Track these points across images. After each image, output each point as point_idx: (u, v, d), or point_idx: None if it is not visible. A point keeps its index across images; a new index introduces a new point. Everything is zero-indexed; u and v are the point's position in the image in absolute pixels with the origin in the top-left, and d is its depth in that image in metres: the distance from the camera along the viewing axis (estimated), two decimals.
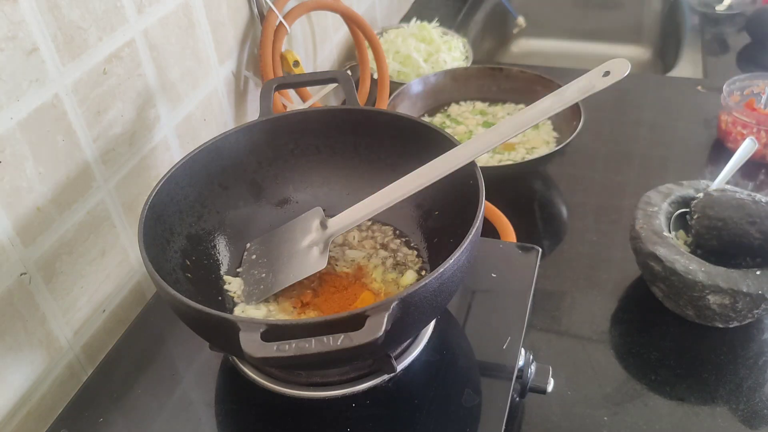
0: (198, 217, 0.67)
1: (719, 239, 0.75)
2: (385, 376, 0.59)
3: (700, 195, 0.79)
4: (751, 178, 0.98)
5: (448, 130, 0.94)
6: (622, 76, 0.54)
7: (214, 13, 0.82)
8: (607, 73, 0.55)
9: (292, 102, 1.01)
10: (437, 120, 1.10)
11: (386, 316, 0.44)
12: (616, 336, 0.77)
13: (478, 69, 1.14)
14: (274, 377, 0.59)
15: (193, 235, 0.66)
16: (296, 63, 0.97)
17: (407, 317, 0.48)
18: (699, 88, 1.20)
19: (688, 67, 1.31)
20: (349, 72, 0.76)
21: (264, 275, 0.65)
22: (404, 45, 1.23)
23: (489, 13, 1.62)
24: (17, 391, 0.61)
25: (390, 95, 1.08)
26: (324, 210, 0.68)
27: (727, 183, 0.83)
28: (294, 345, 0.43)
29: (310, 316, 0.61)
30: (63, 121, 0.62)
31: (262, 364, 0.58)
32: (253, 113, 0.96)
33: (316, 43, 1.14)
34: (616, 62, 0.55)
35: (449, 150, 0.61)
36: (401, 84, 1.11)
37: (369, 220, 0.69)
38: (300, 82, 0.80)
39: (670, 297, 0.75)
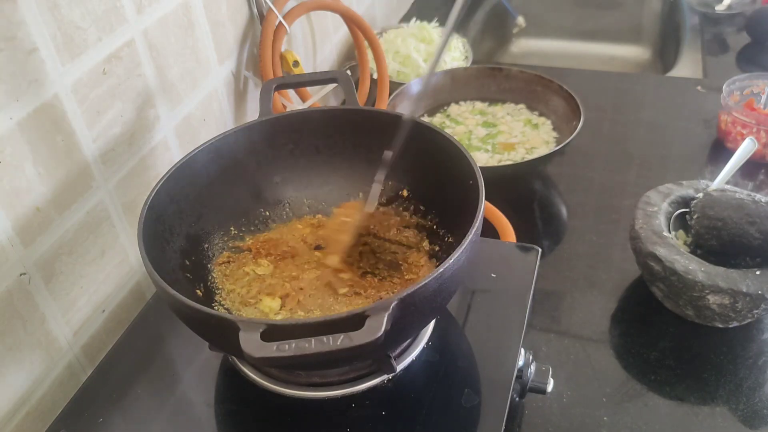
0: (198, 217, 0.67)
1: (719, 239, 0.75)
2: (385, 376, 0.59)
3: (700, 195, 0.79)
4: (751, 178, 0.98)
5: (447, 130, 0.94)
6: None
7: (214, 13, 0.82)
8: None
9: (292, 102, 1.01)
10: (437, 120, 1.10)
11: (386, 316, 0.44)
12: (615, 336, 0.76)
13: (477, 69, 1.14)
14: (273, 377, 0.59)
15: (193, 235, 0.66)
16: (296, 63, 0.97)
17: (407, 317, 0.48)
18: (699, 88, 1.20)
19: (687, 67, 1.31)
20: (348, 72, 0.76)
21: None
22: (404, 45, 1.23)
23: (489, 13, 1.62)
24: (17, 391, 0.61)
25: (390, 95, 1.08)
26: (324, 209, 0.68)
27: (727, 183, 0.83)
28: (294, 345, 0.43)
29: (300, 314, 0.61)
30: (62, 122, 0.62)
31: (262, 364, 0.58)
32: (252, 113, 0.96)
33: (315, 43, 1.14)
34: None
35: (449, 149, 0.61)
36: (401, 84, 1.11)
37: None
38: (300, 82, 0.80)
39: (669, 297, 0.75)
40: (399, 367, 0.59)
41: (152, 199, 0.59)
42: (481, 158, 1.00)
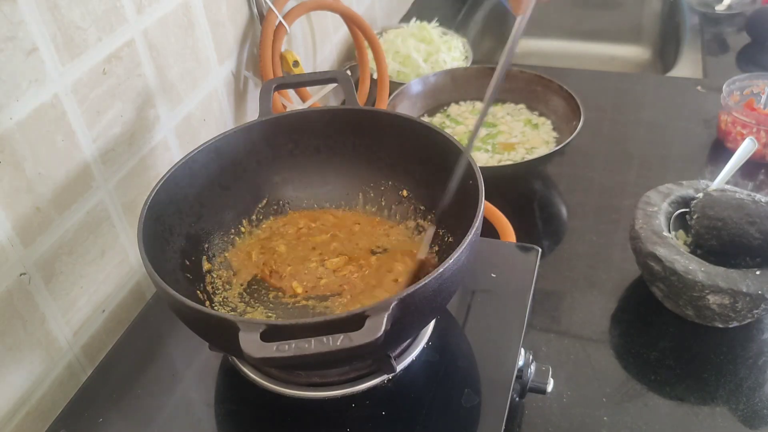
0: (198, 217, 0.67)
1: (719, 239, 0.75)
2: (385, 376, 0.59)
3: (700, 195, 0.79)
4: (751, 178, 0.98)
5: (447, 130, 0.93)
6: None
7: (214, 13, 0.82)
8: None
9: (292, 102, 1.01)
10: (437, 120, 1.10)
11: (386, 316, 0.44)
12: (615, 336, 0.76)
13: (477, 69, 1.14)
14: (273, 377, 0.59)
15: (193, 235, 0.66)
16: (296, 63, 0.97)
17: (407, 317, 0.48)
18: (699, 88, 1.20)
19: (687, 67, 1.31)
20: (348, 72, 0.76)
21: None
22: (404, 45, 1.23)
23: (489, 13, 1.62)
24: (17, 391, 0.61)
25: (390, 95, 1.08)
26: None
27: (727, 183, 0.83)
28: (293, 345, 0.43)
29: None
30: (62, 121, 0.62)
31: (262, 365, 0.58)
32: (252, 113, 0.96)
33: (315, 43, 1.14)
34: None
35: (449, 149, 0.61)
36: (401, 84, 1.11)
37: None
38: (299, 82, 0.80)
39: (669, 297, 0.75)
40: (399, 367, 0.59)
41: (152, 199, 0.59)
42: (481, 158, 1.00)
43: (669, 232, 0.78)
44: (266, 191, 0.72)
